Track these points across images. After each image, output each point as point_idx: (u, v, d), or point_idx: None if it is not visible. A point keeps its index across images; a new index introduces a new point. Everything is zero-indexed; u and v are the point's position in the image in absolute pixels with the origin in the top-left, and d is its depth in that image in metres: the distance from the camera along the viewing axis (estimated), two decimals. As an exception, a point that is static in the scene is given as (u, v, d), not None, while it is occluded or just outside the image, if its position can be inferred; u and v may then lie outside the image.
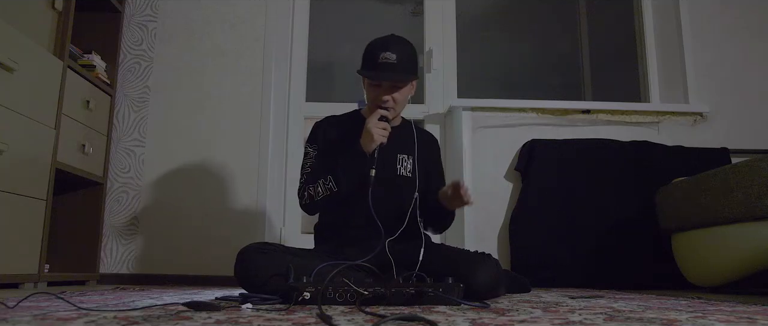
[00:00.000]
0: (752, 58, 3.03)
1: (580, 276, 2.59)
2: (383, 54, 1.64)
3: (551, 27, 3.92)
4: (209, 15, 2.90)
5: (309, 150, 1.80)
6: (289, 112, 2.95)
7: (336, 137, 1.79)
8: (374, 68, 1.65)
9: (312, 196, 1.68)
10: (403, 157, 1.80)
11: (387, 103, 1.67)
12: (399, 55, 1.65)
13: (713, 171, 2.10)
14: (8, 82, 1.90)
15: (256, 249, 1.57)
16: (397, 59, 1.64)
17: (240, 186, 2.74)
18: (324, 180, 1.66)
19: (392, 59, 1.64)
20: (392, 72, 1.64)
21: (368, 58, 1.69)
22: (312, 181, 1.69)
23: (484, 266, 1.53)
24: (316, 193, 1.67)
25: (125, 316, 0.96)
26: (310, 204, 1.70)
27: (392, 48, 1.65)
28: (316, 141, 1.80)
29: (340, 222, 1.77)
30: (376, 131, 1.61)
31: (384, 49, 1.65)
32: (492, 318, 1.00)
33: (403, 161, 1.79)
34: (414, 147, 1.81)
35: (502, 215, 2.80)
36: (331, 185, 1.64)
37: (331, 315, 1.01)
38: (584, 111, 2.93)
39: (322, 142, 1.79)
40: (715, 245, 2.09)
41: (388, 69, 1.64)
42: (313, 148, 1.79)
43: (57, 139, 2.20)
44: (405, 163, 1.80)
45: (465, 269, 1.50)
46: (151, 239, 2.68)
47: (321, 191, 1.66)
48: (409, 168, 1.80)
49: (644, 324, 0.90)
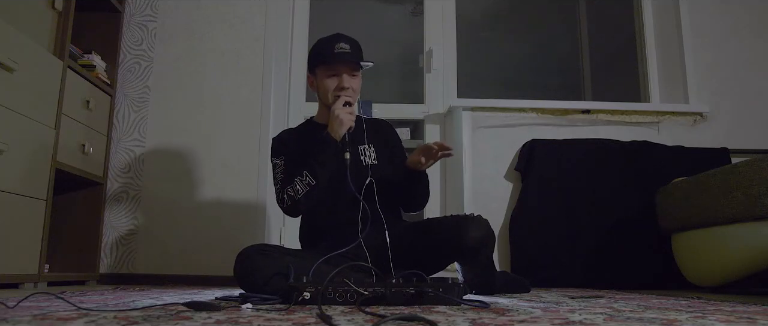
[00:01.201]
0: (752, 58, 3.03)
1: (580, 276, 2.59)
2: (338, 44, 1.74)
3: (551, 27, 3.92)
4: (209, 15, 2.90)
5: (277, 162, 1.81)
6: (289, 112, 2.95)
7: (297, 145, 1.82)
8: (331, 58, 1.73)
9: (292, 197, 1.68)
10: (364, 147, 1.85)
11: (347, 91, 1.74)
12: (351, 46, 1.75)
13: (713, 171, 2.10)
14: (8, 82, 1.90)
15: (256, 250, 1.58)
16: (351, 48, 1.75)
17: (240, 187, 2.74)
18: (300, 177, 1.68)
19: (347, 49, 1.74)
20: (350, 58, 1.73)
21: (321, 55, 1.76)
22: (289, 182, 1.71)
23: (474, 222, 1.61)
24: (296, 192, 1.68)
25: (125, 316, 0.96)
26: (292, 205, 1.70)
27: (344, 40, 1.75)
28: (281, 152, 1.82)
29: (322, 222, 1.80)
30: (345, 115, 1.67)
31: (337, 41, 1.74)
32: (492, 318, 1.00)
33: (364, 150, 1.85)
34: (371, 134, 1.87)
35: (502, 215, 2.80)
36: (309, 179, 1.67)
37: (331, 315, 1.01)
38: (584, 111, 2.93)
39: (286, 153, 1.81)
40: (715, 245, 2.09)
41: (346, 57, 1.73)
42: (280, 160, 1.81)
43: (57, 139, 2.20)
44: (367, 152, 1.85)
45: (455, 229, 1.59)
46: (151, 239, 2.68)
47: (300, 189, 1.67)
48: (372, 156, 1.85)
49: (644, 324, 0.90)
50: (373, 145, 1.87)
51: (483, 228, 1.62)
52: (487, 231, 1.64)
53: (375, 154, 1.86)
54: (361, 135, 1.85)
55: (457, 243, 1.53)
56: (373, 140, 1.87)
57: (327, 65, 1.75)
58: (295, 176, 1.69)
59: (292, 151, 1.81)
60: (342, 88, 1.74)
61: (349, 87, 1.74)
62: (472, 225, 1.60)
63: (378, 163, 1.84)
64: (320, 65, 1.77)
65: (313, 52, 1.81)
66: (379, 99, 3.00)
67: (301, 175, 1.68)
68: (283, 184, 1.73)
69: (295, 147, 1.82)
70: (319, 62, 1.77)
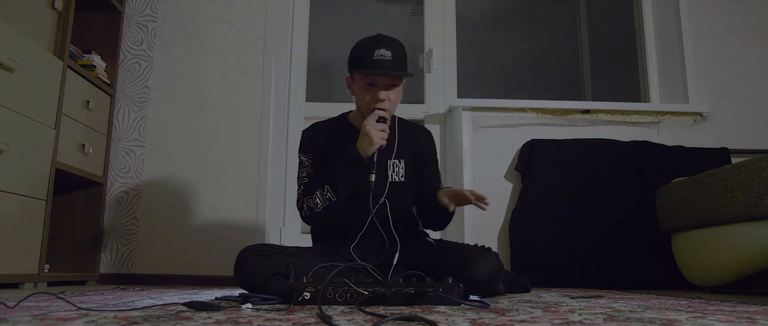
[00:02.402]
0: (752, 58, 3.03)
1: (580, 276, 2.58)
2: (378, 51, 1.58)
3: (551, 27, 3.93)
4: (209, 15, 2.90)
5: (303, 159, 1.75)
6: (289, 112, 2.95)
7: (327, 143, 1.74)
8: (370, 65, 1.59)
9: (311, 208, 1.63)
10: (395, 162, 1.75)
11: (383, 104, 1.61)
12: (393, 53, 1.60)
13: (713, 171, 2.10)
14: (8, 82, 1.90)
15: (256, 250, 1.57)
16: (392, 56, 1.59)
17: (240, 186, 2.74)
18: (321, 190, 1.60)
19: (388, 56, 1.58)
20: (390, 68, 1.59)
21: (361, 56, 1.62)
22: (309, 193, 1.64)
23: (484, 258, 1.54)
24: (315, 204, 1.62)
25: (125, 316, 0.96)
26: (311, 216, 1.65)
27: (386, 46, 1.60)
28: (308, 149, 1.76)
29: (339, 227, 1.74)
30: (375, 133, 1.55)
31: (378, 47, 1.59)
32: (492, 318, 1.00)
33: (394, 166, 1.74)
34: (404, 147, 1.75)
35: (502, 215, 2.80)
36: (330, 195, 1.60)
37: (331, 315, 1.01)
38: (584, 111, 2.93)
39: (314, 150, 1.75)
40: (715, 245, 2.09)
41: (386, 66, 1.58)
42: (306, 157, 1.75)
43: (57, 139, 2.20)
44: (397, 169, 1.75)
45: (465, 263, 1.50)
46: (151, 239, 2.68)
47: (319, 202, 1.61)
48: (401, 173, 1.75)
49: (644, 324, 0.90)
50: (404, 159, 1.76)
51: (491, 265, 1.54)
52: (496, 267, 1.57)
53: (404, 170, 1.75)
54: (392, 148, 1.72)
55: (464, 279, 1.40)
56: (405, 153, 1.76)
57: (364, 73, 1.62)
58: (316, 187, 1.62)
59: (320, 149, 1.74)
60: (378, 100, 1.61)
61: (385, 99, 1.61)
62: (480, 261, 1.52)
63: (405, 180, 1.75)
64: (358, 70, 1.64)
65: (353, 53, 1.66)
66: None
67: (322, 189, 1.60)
68: (305, 191, 1.67)
69: (323, 145, 1.74)
70: (357, 66, 1.63)
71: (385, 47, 1.59)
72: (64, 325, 0.84)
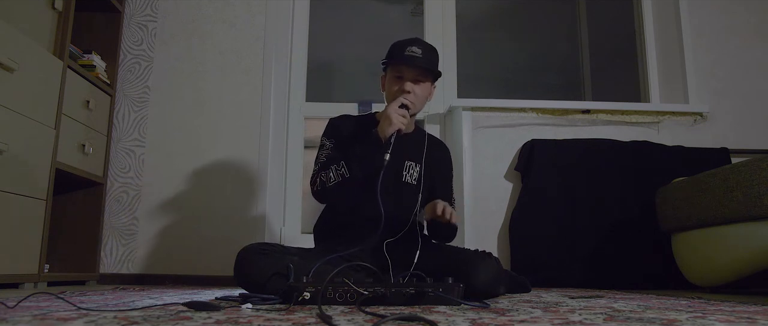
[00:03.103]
0: (752, 58, 3.03)
1: (580, 276, 2.58)
2: (410, 48, 1.70)
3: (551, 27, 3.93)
4: (209, 15, 2.90)
5: (325, 142, 1.80)
6: (289, 112, 2.95)
7: (351, 133, 1.80)
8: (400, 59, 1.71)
9: (324, 182, 1.67)
10: (411, 163, 1.80)
11: (408, 95, 1.69)
12: (424, 52, 1.72)
13: (713, 171, 2.10)
14: (8, 82, 1.90)
15: (256, 249, 1.57)
16: (422, 54, 1.71)
17: (240, 186, 2.74)
18: (336, 166, 1.66)
19: (418, 53, 1.70)
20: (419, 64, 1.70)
21: (394, 52, 1.74)
22: (325, 168, 1.69)
23: (485, 265, 1.54)
24: (328, 179, 1.66)
25: (125, 316, 0.96)
26: (322, 191, 1.69)
27: (418, 45, 1.72)
28: (333, 135, 1.81)
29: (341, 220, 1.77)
30: (396, 116, 1.62)
31: (411, 44, 1.72)
32: (492, 317, 1.00)
33: (409, 168, 1.79)
34: (423, 154, 1.81)
35: (502, 215, 2.80)
36: (344, 171, 1.64)
37: (331, 315, 1.01)
38: (584, 111, 2.93)
39: (338, 137, 1.79)
40: (715, 245, 2.09)
41: (415, 61, 1.70)
42: (330, 141, 1.79)
43: (57, 139, 2.20)
44: (411, 171, 1.80)
45: (465, 268, 1.50)
46: (151, 239, 2.68)
47: (333, 177, 1.65)
48: (415, 176, 1.80)
49: (644, 324, 0.90)
50: (420, 164, 1.82)
51: (492, 272, 1.55)
52: (497, 273, 1.57)
53: (418, 174, 1.81)
54: (414, 151, 1.81)
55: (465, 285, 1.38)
56: (423, 159, 1.82)
57: (394, 66, 1.74)
58: (331, 163, 1.68)
59: (345, 138, 1.79)
60: (403, 91, 1.70)
61: (410, 91, 1.70)
62: (481, 268, 1.52)
63: (416, 183, 1.79)
64: (390, 65, 1.76)
65: (388, 51, 1.78)
66: (380, 99, 2.99)
67: (337, 164, 1.66)
68: (321, 167, 1.72)
69: (347, 134, 1.80)
70: (389, 61, 1.76)
71: (418, 46, 1.72)
72: (64, 325, 0.84)
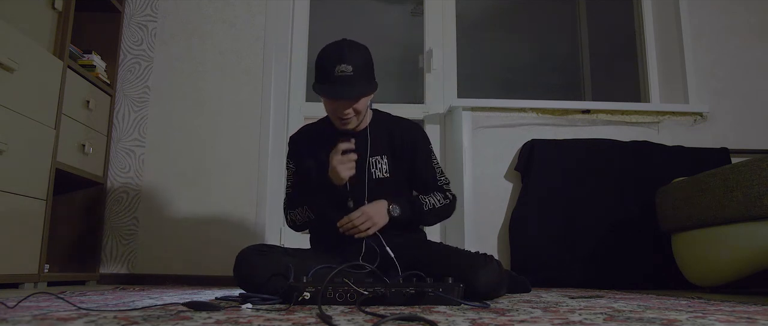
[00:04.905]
0: (752, 58, 3.03)
1: (580, 276, 2.58)
2: (339, 67, 1.54)
3: (551, 27, 3.93)
4: (209, 15, 2.90)
5: (289, 165, 1.81)
6: (289, 112, 2.95)
7: (309, 149, 1.77)
8: (330, 82, 1.56)
9: (294, 221, 1.75)
10: (377, 158, 1.73)
11: (348, 117, 1.60)
12: (355, 66, 1.55)
13: (713, 171, 2.10)
14: (8, 82, 1.90)
15: (255, 250, 1.58)
16: (353, 70, 1.55)
17: (240, 186, 2.74)
18: (301, 209, 1.70)
19: (349, 71, 1.54)
20: (350, 87, 1.55)
21: (322, 71, 1.58)
22: (291, 207, 1.74)
23: (486, 268, 1.52)
24: (296, 219, 1.74)
25: (125, 316, 0.96)
26: (294, 226, 1.79)
27: (347, 59, 1.55)
28: (293, 156, 1.81)
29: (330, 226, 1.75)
30: (342, 168, 1.57)
31: (339, 62, 1.55)
32: (492, 317, 1.00)
33: (377, 163, 1.73)
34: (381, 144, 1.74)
35: (502, 215, 2.80)
36: (309, 214, 1.70)
37: (331, 315, 1.01)
38: (584, 111, 2.93)
39: (298, 158, 1.79)
40: (715, 245, 2.09)
41: (345, 83, 1.55)
42: (292, 163, 1.81)
43: (57, 139, 2.20)
44: (380, 165, 1.73)
45: (466, 271, 1.49)
46: (151, 239, 2.68)
47: (299, 219, 1.73)
48: (384, 169, 1.73)
49: (644, 324, 0.90)
50: (386, 154, 1.74)
51: (494, 274, 1.52)
52: (498, 276, 1.55)
53: (387, 166, 1.73)
54: (377, 145, 1.73)
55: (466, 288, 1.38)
56: (384, 149, 1.74)
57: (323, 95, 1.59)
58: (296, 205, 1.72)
59: (303, 155, 1.78)
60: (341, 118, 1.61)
61: (348, 113, 1.59)
62: (482, 272, 1.49)
63: (390, 175, 1.73)
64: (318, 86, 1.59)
65: (317, 66, 1.61)
66: (379, 99, 2.98)
67: (301, 207, 1.70)
68: (288, 203, 1.77)
69: (305, 151, 1.77)
70: (319, 80, 1.59)
71: (347, 61, 1.55)
72: (64, 325, 0.84)
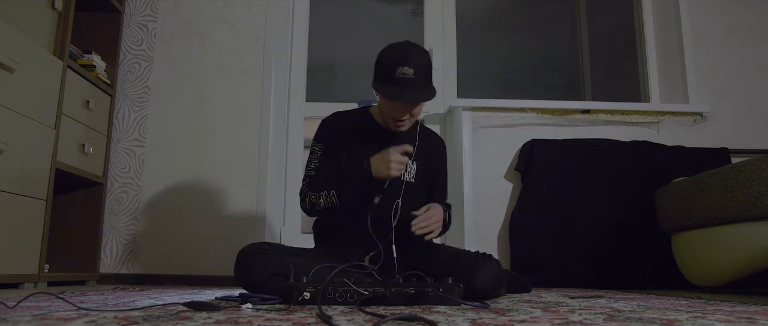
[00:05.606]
0: (752, 58, 3.03)
1: (580, 276, 2.58)
2: (400, 69, 1.53)
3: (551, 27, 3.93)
4: (209, 15, 2.90)
5: (315, 148, 1.76)
6: (289, 112, 2.95)
7: (344, 136, 1.75)
8: (392, 83, 1.55)
9: (313, 204, 1.68)
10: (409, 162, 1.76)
11: (405, 119, 1.62)
12: (416, 69, 1.54)
13: (713, 171, 2.10)
14: (8, 82, 1.90)
15: (255, 250, 1.57)
16: (415, 73, 1.54)
17: (240, 186, 2.74)
18: (327, 192, 1.64)
19: (410, 74, 1.53)
20: (412, 90, 1.55)
21: (384, 71, 1.57)
22: (315, 189, 1.68)
23: (485, 268, 1.53)
24: (317, 202, 1.67)
25: (125, 316, 0.96)
26: (311, 210, 1.70)
27: (409, 61, 1.54)
28: (323, 139, 1.76)
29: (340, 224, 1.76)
30: (396, 165, 1.56)
31: (401, 63, 1.54)
32: (492, 317, 1.00)
33: (407, 166, 1.75)
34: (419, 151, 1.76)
35: (502, 215, 2.80)
36: (334, 199, 1.63)
37: (331, 315, 1.01)
38: (584, 111, 2.93)
39: (328, 141, 1.75)
40: (715, 245, 2.09)
41: (408, 86, 1.54)
42: (319, 147, 1.76)
43: (57, 139, 2.20)
44: (409, 169, 1.76)
45: (466, 271, 1.49)
46: (151, 239, 2.68)
47: (322, 202, 1.66)
48: (412, 175, 1.76)
49: (644, 324, 0.90)
50: (417, 161, 1.76)
51: (493, 274, 1.53)
52: (498, 276, 1.55)
53: (415, 172, 1.76)
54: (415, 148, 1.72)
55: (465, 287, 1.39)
56: (420, 158, 1.76)
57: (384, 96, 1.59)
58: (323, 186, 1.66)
59: (335, 140, 1.74)
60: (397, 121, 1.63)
61: (406, 116, 1.61)
62: (482, 271, 1.50)
63: (415, 181, 1.76)
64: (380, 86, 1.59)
65: (378, 61, 1.60)
66: (379, 99, 3.00)
67: (327, 190, 1.64)
68: (310, 185, 1.70)
69: (339, 137, 1.74)
70: (380, 80, 1.59)
71: (409, 64, 1.54)
72: (64, 325, 0.84)
